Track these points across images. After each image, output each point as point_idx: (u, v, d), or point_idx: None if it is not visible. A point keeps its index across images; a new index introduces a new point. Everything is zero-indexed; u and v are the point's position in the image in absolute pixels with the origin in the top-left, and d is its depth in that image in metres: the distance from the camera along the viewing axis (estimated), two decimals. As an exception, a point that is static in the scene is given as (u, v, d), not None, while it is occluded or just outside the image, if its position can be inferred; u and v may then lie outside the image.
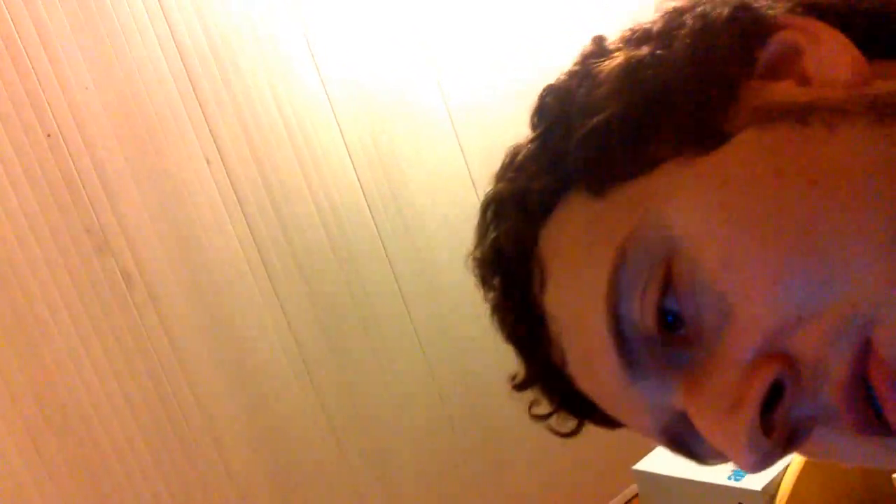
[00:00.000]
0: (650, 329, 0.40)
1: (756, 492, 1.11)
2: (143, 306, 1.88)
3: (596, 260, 0.42)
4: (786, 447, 0.40)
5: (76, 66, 1.82)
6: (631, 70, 0.44)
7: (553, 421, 0.57)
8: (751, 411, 0.37)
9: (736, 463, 0.40)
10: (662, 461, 1.36)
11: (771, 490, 1.09)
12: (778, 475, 1.12)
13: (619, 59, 0.46)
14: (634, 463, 1.37)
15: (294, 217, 2.10)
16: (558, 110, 0.49)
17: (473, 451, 2.42)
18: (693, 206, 0.39)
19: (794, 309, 0.36)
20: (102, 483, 1.80)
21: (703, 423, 0.40)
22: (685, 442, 0.45)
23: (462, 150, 2.44)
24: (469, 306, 2.41)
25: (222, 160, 2.00)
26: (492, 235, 0.52)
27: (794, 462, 0.93)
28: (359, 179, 2.22)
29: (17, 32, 1.74)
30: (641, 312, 0.40)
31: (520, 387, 0.58)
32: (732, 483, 1.17)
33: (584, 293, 0.43)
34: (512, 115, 2.54)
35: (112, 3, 1.86)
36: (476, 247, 0.56)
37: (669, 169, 0.41)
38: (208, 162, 1.98)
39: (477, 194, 2.45)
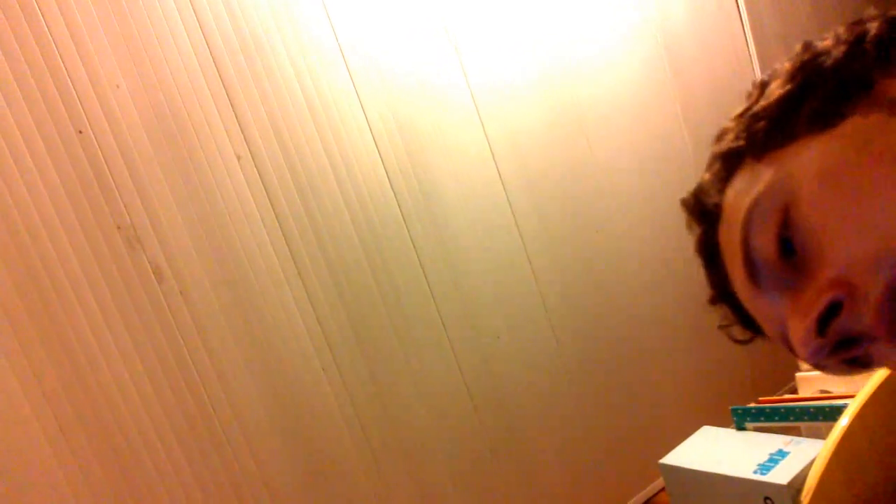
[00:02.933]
0: (770, 254, 0.58)
1: (782, 486, 1.11)
2: (173, 301, 1.90)
3: (742, 204, 0.60)
4: (838, 350, 0.57)
5: (107, 63, 1.84)
6: (796, 68, 0.60)
7: (733, 331, 0.72)
8: (809, 320, 0.55)
9: (798, 355, 0.59)
10: (689, 456, 1.36)
11: (797, 484, 1.08)
12: (804, 470, 1.12)
13: (790, 63, 0.62)
14: (661, 457, 1.37)
15: (322, 210, 2.11)
16: (745, 106, 0.65)
17: (501, 446, 2.42)
18: (808, 167, 0.55)
19: (859, 251, 0.52)
20: (134, 477, 1.83)
21: (791, 326, 0.58)
22: (793, 349, 0.61)
23: (485, 132, 2.44)
24: (493, 294, 2.42)
25: (252, 156, 2.01)
26: (698, 184, 0.69)
27: (819, 457, 0.93)
28: (385, 169, 2.23)
29: (49, 30, 1.77)
30: (764, 241, 0.58)
31: (710, 302, 0.73)
32: (759, 477, 1.17)
33: (734, 229, 0.61)
34: (534, 96, 2.54)
35: (143, 0, 1.88)
36: (687, 194, 0.71)
37: (804, 140, 0.57)
38: (238, 158, 1.99)
39: (500, 175, 2.46)
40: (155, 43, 1.90)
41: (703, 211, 0.68)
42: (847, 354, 0.57)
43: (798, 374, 1.42)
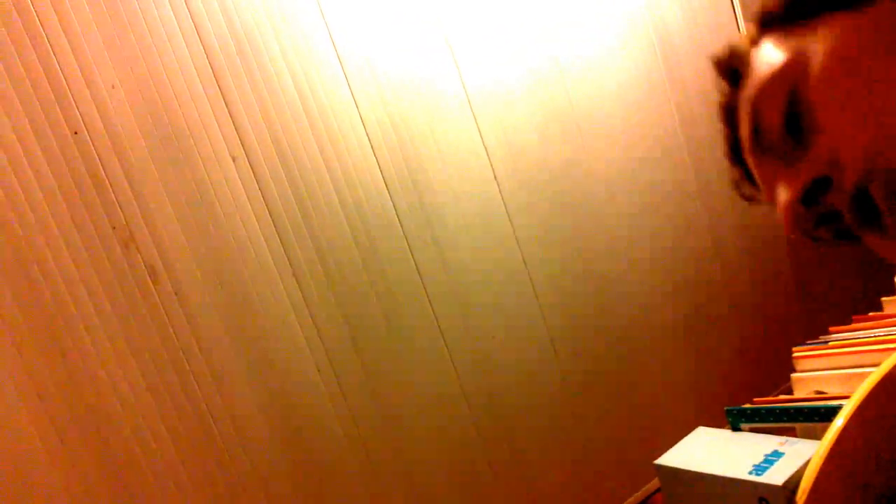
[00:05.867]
0: (775, 124, 0.61)
1: (777, 486, 1.11)
2: (168, 301, 1.90)
3: (762, 72, 0.63)
4: (824, 222, 0.61)
5: (102, 64, 1.84)
6: None
7: (742, 188, 0.76)
8: (793, 190, 0.60)
9: (783, 221, 0.63)
10: (684, 456, 1.35)
11: (792, 485, 1.08)
12: (799, 470, 1.12)
13: None
14: (656, 458, 1.37)
15: (318, 211, 2.11)
16: None
17: (495, 447, 2.42)
18: (827, 45, 0.57)
19: (855, 136, 0.54)
20: (129, 478, 1.83)
21: (779, 192, 0.63)
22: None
23: (480, 133, 2.44)
24: (488, 296, 2.41)
25: (248, 157, 2.01)
26: (732, 44, 0.71)
27: (814, 458, 0.93)
28: (381, 170, 2.23)
29: (44, 31, 1.76)
30: (772, 111, 0.61)
31: (729, 161, 0.76)
32: (754, 478, 1.17)
33: (750, 94, 0.64)
34: (528, 97, 2.54)
35: (138, 1, 1.88)
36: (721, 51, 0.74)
37: (831, 17, 0.58)
38: (234, 159, 1.99)
39: (494, 175, 2.46)
40: (150, 44, 1.90)
41: (731, 71, 0.70)
42: (834, 227, 0.61)
43: (793, 375, 1.42)
